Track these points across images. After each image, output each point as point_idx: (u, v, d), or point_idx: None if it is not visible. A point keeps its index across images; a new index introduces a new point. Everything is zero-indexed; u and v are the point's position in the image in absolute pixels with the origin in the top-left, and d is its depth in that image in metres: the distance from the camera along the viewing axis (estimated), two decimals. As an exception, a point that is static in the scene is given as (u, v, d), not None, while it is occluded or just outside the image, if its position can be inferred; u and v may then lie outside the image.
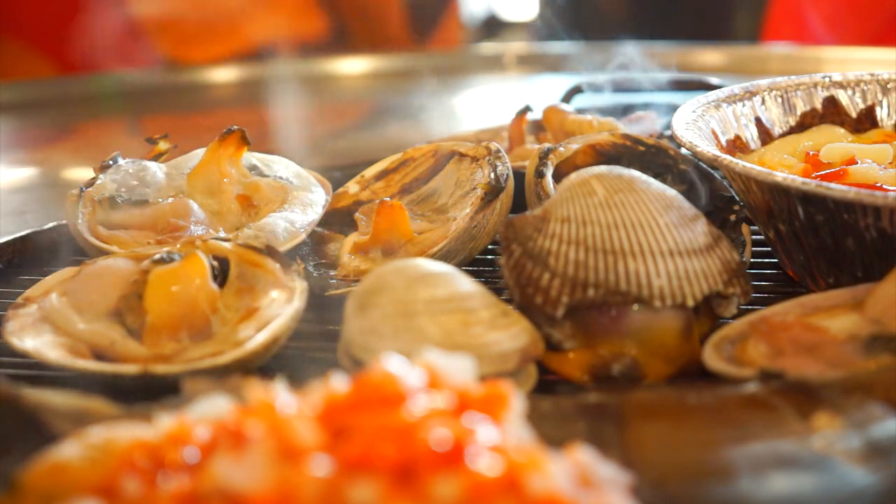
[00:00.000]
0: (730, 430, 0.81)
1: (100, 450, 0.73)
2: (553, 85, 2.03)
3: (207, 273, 1.06)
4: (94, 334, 1.04)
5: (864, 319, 0.99)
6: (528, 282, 1.01)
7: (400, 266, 0.99)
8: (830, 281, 1.15)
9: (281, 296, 1.05)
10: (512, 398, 0.74)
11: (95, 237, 1.20)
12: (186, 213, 1.23)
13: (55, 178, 1.84)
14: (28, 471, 0.73)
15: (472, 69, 2.47)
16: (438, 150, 1.35)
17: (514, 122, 1.49)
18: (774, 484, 0.75)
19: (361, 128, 2.16)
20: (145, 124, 2.25)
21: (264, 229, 1.21)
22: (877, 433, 0.79)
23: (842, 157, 1.23)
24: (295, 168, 1.34)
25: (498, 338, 0.96)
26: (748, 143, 1.32)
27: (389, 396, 0.70)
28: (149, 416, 0.78)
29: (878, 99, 1.37)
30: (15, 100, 2.26)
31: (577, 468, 0.70)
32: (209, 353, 1.01)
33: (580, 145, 1.27)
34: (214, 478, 0.67)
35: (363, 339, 0.96)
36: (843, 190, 1.04)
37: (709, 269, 1.02)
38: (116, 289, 1.08)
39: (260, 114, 2.26)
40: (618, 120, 1.47)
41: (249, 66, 2.48)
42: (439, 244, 1.19)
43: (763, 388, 0.87)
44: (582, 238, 1.01)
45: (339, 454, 0.68)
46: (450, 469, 0.67)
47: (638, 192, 1.03)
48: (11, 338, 1.04)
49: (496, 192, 1.21)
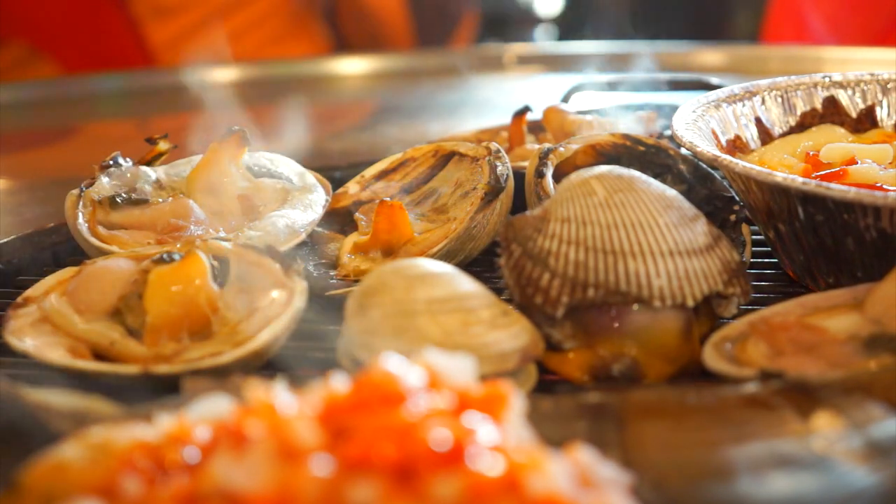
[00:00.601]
0: (730, 430, 0.81)
1: (100, 450, 0.73)
2: (553, 85, 2.03)
3: (207, 273, 1.06)
4: (94, 334, 1.05)
5: (864, 319, 0.99)
6: (528, 282, 1.01)
7: (400, 266, 0.99)
8: (830, 281, 1.15)
9: (281, 296, 1.05)
10: (512, 398, 0.74)
11: (95, 237, 1.20)
12: (186, 213, 1.23)
13: (55, 178, 1.83)
14: (28, 471, 0.73)
15: (472, 69, 2.47)
16: (438, 150, 1.35)
17: (514, 122, 1.49)
18: (774, 484, 0.75)
19: (361, 128, 2.16)
20: (145, 124, 2.25)
21: (264, 229, 1.21)
22: (877, 433, 0.79)
23: (842, 157, 1.23)
24: (296, 167, 1.34)
25: (498, 337, 0.96)
26: (748, 143, 1.32)
27: (389, 396, 0.70)
28: (149, 416, 0.78)
29: (878, 99, 1.37)
30: (15, 100, 2.26)
31: (577, 468, 0.70)
32: (209, 353, 1.01)
33: (580, 145, 1.27)
34: (214, 478, 0.67)
35: (363, 338, 0.96)
36: (843, 190, 1.04)
37: (709, 269, 1.02)
38: (116, 289, 1.08)
39: (260, 114, 2.26)
40: (618, 120, 1.47)
41: (249, 66, 2.48)
42: (439, 244, 1.19)
43: (763, 388, 0.87)
44: (582, 238, 1.01)
45: (339, 454, 0.68)
46: (450, 469, 0.67)
47: (638, 192, 1.03)
48: (11, 338, 1.04)
49: (496, 192, 1.21)
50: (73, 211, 1.22)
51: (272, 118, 2.14)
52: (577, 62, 2.35)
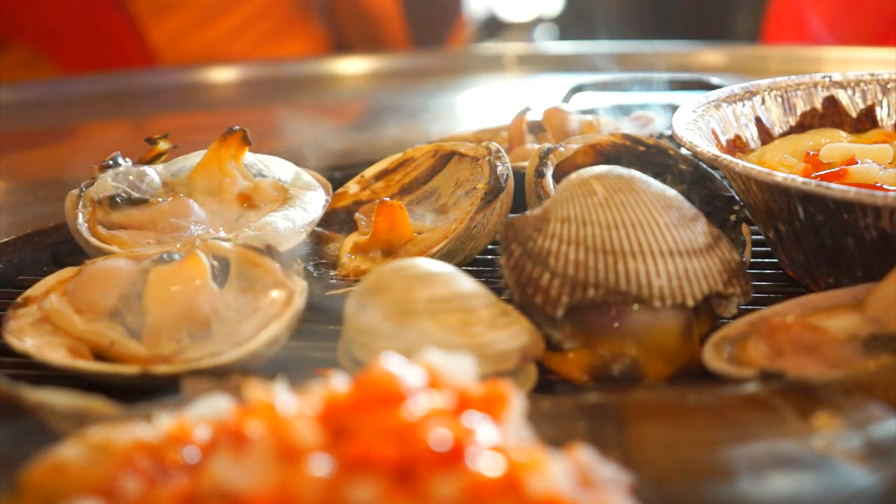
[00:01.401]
0: (730, 430, 0.81)
1: (100, 450, 0.73)
2: (553, 85, 2.03)
3: (207, 273, 1.06)
4: (94, 334, 1.05)
5: (864, 319, 0.99)
6: (528, 282, 1.01)
7: (399, 266, 0.99)
8: (830, 281, 1.15)
9: (281, 296, 1.05)
10: (512, 398, 0.74)
11: (95, 237, 1.20)
12: (186, 213, 1.23)
13: (55, 178, 1.83)
14: (28, 471, 0.73)
15: (472, 69, 2.47)
16: (438, 150, 1.35)
17: (514, 123, 1.49)
18: (774, 484, 0.75)
19: (361, 128, 2.15)
20: (145, 124, 2.25)
21: (264, 229, 1.21)
22: (877, 433, 0.79)
23: (842, 157, 1.23)
24: (295, 170, 1.34)
25: (498, 337, 0.96)
26: (748, 142, 1.32)
27: (389, 396, 0.70)
28: (149, 416, 0.78)
29: (878, 99, 1.37)
30: (15, 100, 2.26)
31: (577, 468, 0.70)
32: (209, 353, 1.01)
33: (580, 145, 1.27)
34: (214, 478, 0.67)
35: (363, 338, 0.96)
36: (843, 190, 1.04)
37: (709, 269, 1.02)
38: (116, 289, 1.08)
39: (260, 114, 2.26)
40: (618, 120, 1.47)
41: (249, 66, 2.48)
42: (439, 244, 1.19)
43: (763, 388, 0.87)
44: (582, 238, 1.01)
45: (339, 454, 0.68)
46: (450, 469, 0.67)
47: (638, 192, 1.03)
48: (11, 338, 1.04)
49: (496, 192, 1.21)
50: (73, 211, 1.22)
51: (272, 118, 2.14)
52: (577, 62, 2.35)
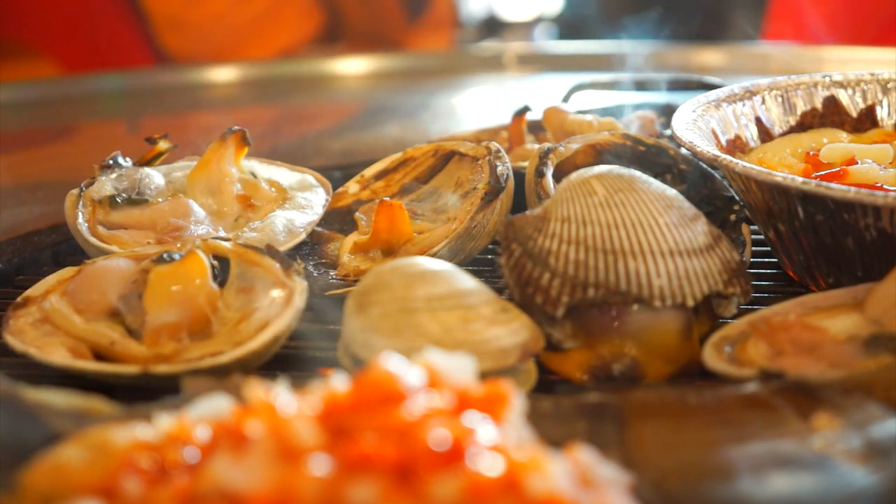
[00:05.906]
0: (730, 430, 0.81)
1: (100, 450, 0.73)
2: (553, 85, 2.03)
3: (207, 273, 1.06)
4: (94, 334, 1.05)
5: (864, 319, 0.99)
6: (529, 281, 1.01)
7: (399, 264, 0.99)
8: (830, 281, 1.15)
9: (281, 296, 1.05)
10: (512, 398, 0.74)
11: (95, 237, 1.20)
12: (186, 213, 1.23)
13: (55, 178, 1.83)
14: (28, 471, 0.73)
15: (472, 69, 2.47)
16: (438, 150, 1.35)
17: (514, 122, 1.49)
18: (774, 484, 0.75)
19: (361, 128, 2.16)
20: (145, 124, 2.25)
21: (264, 229, 1.22)
22: (877, 433, 0.79)
23: (842, 157, 1.23)
24: (294, 171, 1.34)
25: (498, 333, 0.96)
26: (748, 142, 1.32)
27: (389, 396, 0.70)
28: (149, 416, 0.78)
29: (879, 98, 1.37)
30: (15, 100, 2.26)
31: (577, 468, 0.70)
32: (209, 353, 1.01)
33: (580, 145, 1.27)
34: (214, 478, 0.67)
35: (363, 337, 0.96)
36: (843, 190, 1.04)
37: (709, 269, 1.02)
38: (116, 289, 1.08)
39: (260, 114, 2.26)
40: (618, 120, 1.47)
41: (249, 66, 2.48)
42: (439, 244, 1.19)
43: (763, 388, 0.87)
44: (582, 238, 1.01)
45: (338, 454, 0.68)
46: (450, 469, 0.67)
47: (638, 192, 1.03)
48: (11, 338, 1.04)
49: (496, 192, 1.21)
50: (73, 211, 1.22)
51: (272, 118, 2.14)
52: (577, 62, 2.35)
